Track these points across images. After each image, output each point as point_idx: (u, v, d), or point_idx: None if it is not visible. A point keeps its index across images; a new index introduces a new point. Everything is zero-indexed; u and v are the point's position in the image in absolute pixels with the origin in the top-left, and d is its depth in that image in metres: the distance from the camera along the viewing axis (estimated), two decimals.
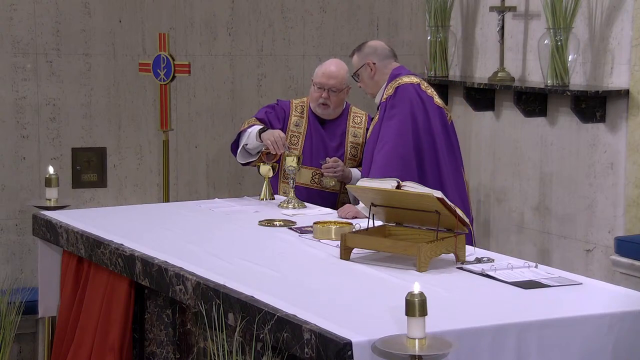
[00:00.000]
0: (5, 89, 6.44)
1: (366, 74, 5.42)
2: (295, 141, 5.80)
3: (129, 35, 6.71)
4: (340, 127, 5.82)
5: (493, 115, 6.91)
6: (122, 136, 6.74)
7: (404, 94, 5.21)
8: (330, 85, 5.72)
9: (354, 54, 5.49)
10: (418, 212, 4.21)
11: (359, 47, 5.49)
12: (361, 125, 5.82)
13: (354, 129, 5.81)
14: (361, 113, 5.89)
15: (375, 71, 5.39)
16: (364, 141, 5.69)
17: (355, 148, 5.78)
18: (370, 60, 5.39)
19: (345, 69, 5.78)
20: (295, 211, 5.29)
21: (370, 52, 5.42)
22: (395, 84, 5.26)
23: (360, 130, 5.81)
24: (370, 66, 5.39)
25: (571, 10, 6.04)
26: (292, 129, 5.82)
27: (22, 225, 6.47)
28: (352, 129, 5.81)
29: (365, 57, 5.41)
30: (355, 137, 5.80)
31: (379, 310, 3.51)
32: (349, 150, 5.77)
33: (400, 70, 5.40)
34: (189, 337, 4.25)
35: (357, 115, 5.87)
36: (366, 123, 5.82)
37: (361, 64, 5.42)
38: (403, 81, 5.27)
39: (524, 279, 3.89)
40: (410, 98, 5.20)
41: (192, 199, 6.68)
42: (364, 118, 5.85)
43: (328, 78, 5.72)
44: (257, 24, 7.02)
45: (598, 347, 3.51)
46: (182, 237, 4.73)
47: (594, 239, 6.17)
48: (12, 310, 5.01)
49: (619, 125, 5.99)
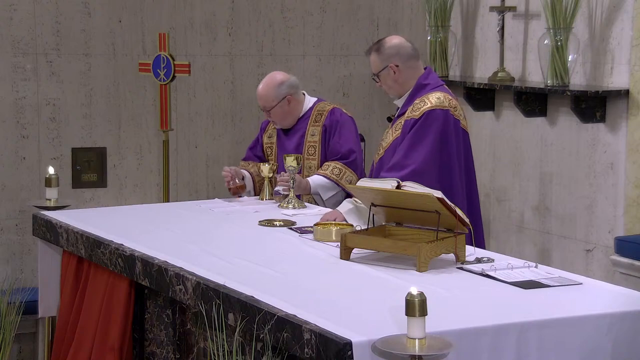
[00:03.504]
0: (5, 89, 6.44)
1: (389, 78, 5.05)
2: (270, 152, 5.88)
3: (129, 35, 6.71)
4: (301, 129, 5.81)
5: (493, 115, 6.91)
6: (122, 136, 6.74)
7: (432, 121, 4.89)
8: (260, 106, 5.79)
9: (373, 53, 5.09)
10: (418, 212, 4.21)
11: (377, 47, 5.09)
12: (319, 122, 5.77)
13: (313, 128, 5.77)
14: (324, 110, 5.77)
15: (400, 74, 5.03)
16: (322, 138, 5.70)
17: (314, 147, 5.76)
18: (394, 63, 5.02)
19: (271, 85, 5.69)
20: (295, 211, 5.29)
21: (393, 54, 5.03)
22: (424, 107, 4.93)
23: (318, 128, 5.76)
24: (394, 69, 5.02)
25: (571, 10, 6.04)
26: (266, 142, 5.92)
27: (22, 225, 6.47)
28: (311, 129, 5.78)
29: (387, 59, 5.03)
30: (313, 135, 5.77)
31: (379, 310, 3.50)
32: (306, 150, 5.77)
33: (427, 78, 5.07)
34: (189, 337, 4.25)
35: (320, 113, 5.80)
36: (325, 118, 5.76)
37: (383, 67, 5.05)
38: (432, 104, 4.91)
39: (524, 279, 3.89)
40: (440, 125, 4.90)
41: (192, 199, 6.68)
42: (325, 114, 5.77)
43: (258, 99, 5.79)
44: (257, 24, 7.02)
45: (598, 347, 3.51)
46: (182, 237, 4.73)
47: (594, 239, 6.18)
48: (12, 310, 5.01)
49: (619, 125, 5.99)
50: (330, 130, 5.71)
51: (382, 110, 7.26)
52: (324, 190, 5.57)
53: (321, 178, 5.57)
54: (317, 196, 5.60)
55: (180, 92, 6.84)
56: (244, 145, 6.95)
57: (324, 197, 5.58)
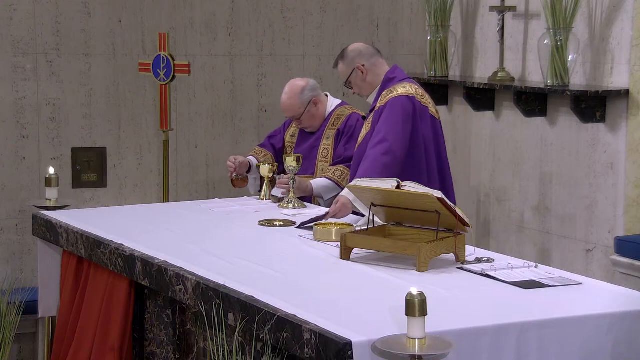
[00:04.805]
0: (5, 89, 6.44)
1: (358, 78, 5.28)
2: (290, 151, 5.91)
3: (129, 35, 6.71)
4: (319, 131, 5.86)
5: (493, 115, 6.91)
6: (122, 136, 6.74)
7: (397, 106, 5.07)
8: (289, 117, 5.87)
9: (338, 63, 5.34)
10: (418, 212, 4.21)
11: (341, 56, 5.35)
12: (335, 127, 5.82)
13: (329, 131, 5.82)
14: (342, 115, 5.84)
15: (367, 72, 5.27)
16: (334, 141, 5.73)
17: (327, 149, 5.79)
18: (359, 63, 5.26)
19: (293, 94, 5.77)
20: (295, 211, 5.29)
21: (356, 56, 5.28)
22: (389, 95, 5.15)
23: (333, 131, 5.80)
24: (361, 69, 5.25)
25: (571, 10, 6.04)
26: (288, 140, 5.96)
27: (22, 225, 6.47)
28: (328, 132, 5.82)
29: (352, 62, 5.27)
30: (328, 138, 5.80)
31: (379, 310, 3.51)
32: (320, 152, 5.80)
33: (394, 73, 5.28)
34: (189, 337, 4.25)
35: (338, 117, 5.85)
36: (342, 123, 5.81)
37: (350, 70, 5.28)
38: (397, 92, 5.14)
39: (524, 279, 3.89)
40: (404, 109, 5.06)
41: (192, 199, 6.68)
42: (342, 119, 5.82)
43: (284, 112, 5.87)
44: (257, 24, 7.02)
45: (598, 347, 3.51)
46: (182, 237, 4.73)
47: (594, 239, 6.18)
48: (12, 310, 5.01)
49: (619, 125, 5.99)
50: (342, 135, 5.75)
51: None
52: (325, 191, 5.58)
53: (323, 179, 5.59)
54: (321, 199, 5.62)
55: (180, 92, 6.84)
56: (244, 145, 6.96)
57: (325, 198, 5.59)
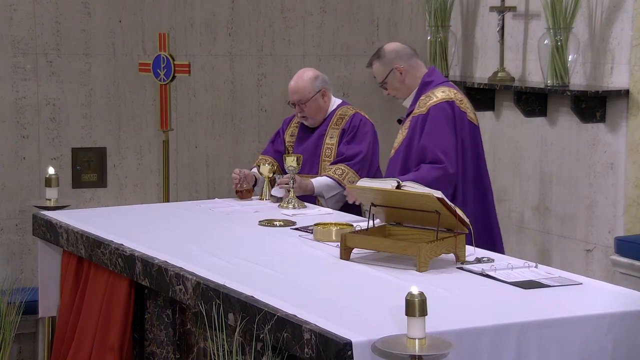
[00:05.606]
0: (5, 89, 6.44)
1: (396, 80, 5.15)
2: (290, 150, 5.87)
3: (129, 35, 6.71)
4: (322, 130, 5.80)
5: (493, 115, 6.91)
6: (122, 136, 6.74)
7: (439, 113, 4.98)
8: (295, 100, 5.72)
9: (374, 63, 5.20)
10: (418, 212, 4.21)
11: (377, 55, 5.21)
12: (339, 126, 5.77)
13: (333, 131, 5.77)
14: (346, 114, 5.78)
15: (406, 74, 5.14)
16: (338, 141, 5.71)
17: (330, 149, 5.76)
18: (398, 65, 5.13)
19: (306, 77, 5.68)
20: (295, 211, 5.29)
21: (394, 57, 5.14)
22: (429, 102, 5.03)
23: (337, 131, 5.76)
24: (400, 70, 5.13)
25: (571, 10, 6.04)
26: (288, 140, 5.88)
27: (22, 225, 6.47)
28: (331, 131, 5.77)
29: (390, 63, 5.14)
30: (332, 138, 5.77)
31: (379, 310, 3.50)
32: (323, 151, 5.77)
33: (431, 75, 5.17)
34: (189, 337, 4.25)
35: (341, 117, 5.81)
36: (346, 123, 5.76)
37: (387, 71, 5.15)
38: (437, 98, 5.03)
39: (524, 279, 3.89)
40: (447, 117, 4.99)
41: (192, 199, 6.68)
42: (346, 119, 5.78)
43: (292, 94, 5.73)
44: (257, 24, 7.02)
45: (598, 347, 3.51)
46: (182, 237, 4.73)
47: (594, 239, 6.18)
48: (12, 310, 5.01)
49: (619, 125, 5.99)
50: (345, 134, 5.71)
51: (382, 110, 7.26)
52: (326, 190, 5.57)
53: (324, 178, 5.58)
54: (322, 198, 5.60)
55: (180, 92, 6.84)
56: (244, 145, 6.96)
57: (326, 196, 5.58)
